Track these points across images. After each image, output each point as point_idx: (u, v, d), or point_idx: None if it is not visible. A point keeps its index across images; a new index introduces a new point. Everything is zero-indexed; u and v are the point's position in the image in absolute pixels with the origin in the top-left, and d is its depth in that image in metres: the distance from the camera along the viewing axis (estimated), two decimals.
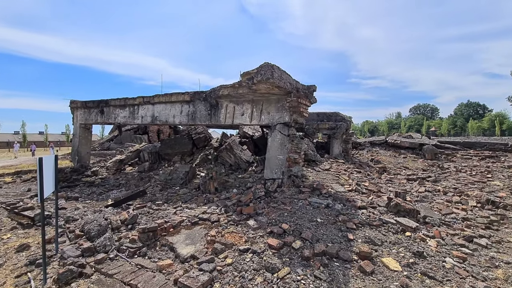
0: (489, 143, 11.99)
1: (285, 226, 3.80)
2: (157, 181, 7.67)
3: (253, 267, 2.95)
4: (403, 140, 12.36)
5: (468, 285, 2.77)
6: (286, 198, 5.14)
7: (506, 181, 7.91)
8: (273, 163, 5.90)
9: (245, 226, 4.02)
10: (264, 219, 4.21)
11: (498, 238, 4.05)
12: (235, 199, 5.34)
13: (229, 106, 6.59)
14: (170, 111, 7.69)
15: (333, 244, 3.43)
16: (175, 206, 5.31)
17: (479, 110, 73.14)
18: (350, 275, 2.83)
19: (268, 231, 3.76)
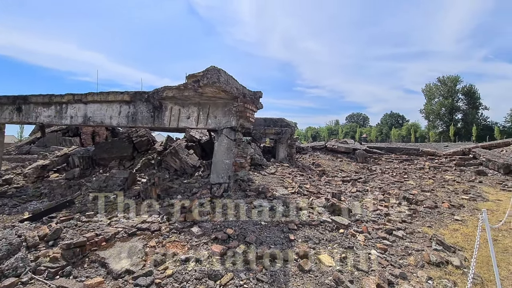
0: (405, 148, 14.11)
1: (229, 231, 3.79)
2: (89, 189, 6.85)
3: (195, 276, 2.86)
4: (339, 145, 13.64)
5: (387, 272, 3.18)
6: (233, 202, 5.14)
7: (417, 180, 9.39)
8: (220, 167, 5.85)
9: (188, 234, 3.88)
10: (209, 225, 4.13)
11: (411, 230, 4.76)
12: (179, 205, 5.11)
13: (174, 109, 6.31)
14: (106, 112, 6.99)
15: (276, 245, 3.56)
16: (110, 217, 4.82)
17: (399, 120, 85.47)
18: (290, 274, 2.97)
19: (213, 237, 3.70)
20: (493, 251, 2.59)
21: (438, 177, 9.98)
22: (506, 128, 56.20)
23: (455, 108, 62.81)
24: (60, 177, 8.78)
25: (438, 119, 64.33)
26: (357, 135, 73.78)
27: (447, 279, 3.08)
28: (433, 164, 11.90)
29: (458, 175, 10.42)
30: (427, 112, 65.68)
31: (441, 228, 4.96)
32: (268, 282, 2.79)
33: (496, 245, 4.21)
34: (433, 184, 8.83)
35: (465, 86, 62.98)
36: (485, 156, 11.49)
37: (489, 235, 2.62)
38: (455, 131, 53.28)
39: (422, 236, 4.49)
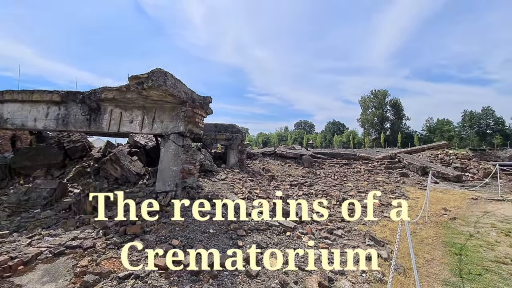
0: (345, 153, 15.53)
1: (175, 242, 3.61)
2: (4, 203, 5.78)
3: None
4: (288, 151, 14.29)
5: (328, 270, 3.41)
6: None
7: (355, 183, 10.38)
8: (166, 174, 5.56)
9: (128, 249, 3.56)
10: (153, 237, 3.87)
11: (349, 228, 5.22)
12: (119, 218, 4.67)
13: (114, 112, 5.80)
14: (30, 113, 6.05)
15: (224, 253, 3.51)
16: (31, 235, 4.14)
17: (340, 127, 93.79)
18: (237, 281, 2.95)
19: (157, 250, 3.46)
20: (411, 243, 3.00)
21: (372, 179, 11.21)
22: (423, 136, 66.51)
23: (384, 118, 71.72)
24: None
25: (372, 127, 72.56)
26: (305, 141, 78.45)
27: (377, 271, 3.45)
28: (368, 168, 13.33)
29: (387, 177, 11.88)
30: (363, 121, 73.70)
31: (373, 225, 5.55)
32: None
33: (414, 237, 4.90)
34: (368, 186, 9.88)
35: (392, 99, 72.59)
36: (407, 160, 13.36)
37: (408, 230, 3.02)
38: (385, 138, 60.79)
39: (358, 233, 4.96)
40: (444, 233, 5.13)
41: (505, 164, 11.75)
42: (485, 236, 4.94)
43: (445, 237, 4.92)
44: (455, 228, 5.40)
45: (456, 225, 5.63)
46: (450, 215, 6.34)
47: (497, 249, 4.35)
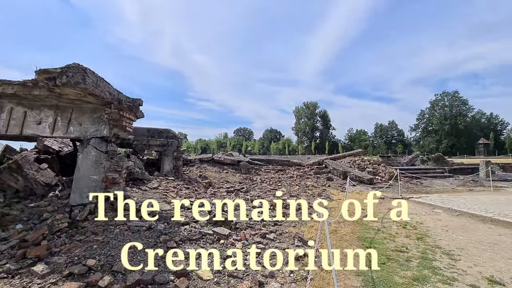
0: (280, 160, 16.44)
1: (91, 262, 3.17)
2: None
3: None
4: (225, 157, 14.31)
5: (259, 274, 3.50)
6: (99, 226, 4.36)
7: (288, 187, 11.05)
8: (85, 184, 4.88)
9: (27, 275, 2.97)
10: (63, 259, 3.31)
11: (281, 231, 5.49)
12: (16, 238, 3.86)
13: (16, 110, 4.83)
14: None
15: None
16: None
17: (277, 135, 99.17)
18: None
19: (66, 273, 2.97)
20: (330, 242, 3.34)
21: (303, 184, 12.12)
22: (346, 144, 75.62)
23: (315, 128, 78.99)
24: None
25: (304, 135, 78.91)
26: (244, 148, 79.99)
27: (303, 270, 3.71)
28: (299, 173, 14.38)
29: (316, 181, 13.03)
30: (297, 130, 79.64)
31: (302, 226, 5.98)
32: None
33: (335, 234, 5.47)
34: (299, 190, 10.63)
35: (321, 111, 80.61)
36: (332, 166, 14.95)
37: (327, 230, 3.36)
38: (315, 146, 66.86)
39: (289, 236, 5.26)
40: (358, 229, 5.88)
41: (403, 168, 14.31)
42: (388, 230, 5.87)
43: (359, 232, 5.64)
44: (367, 225, 6.26)
45: (368, 221, 6.53)
46: (364, 213, 7.32)
47: (396, 240, 5.21)
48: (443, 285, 3.45)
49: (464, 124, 66.39)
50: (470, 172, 17.04)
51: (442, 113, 69.46)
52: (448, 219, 6.84)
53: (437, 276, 3.71)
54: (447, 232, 5.77)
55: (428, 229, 5.96)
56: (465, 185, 13.37)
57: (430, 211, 7.70)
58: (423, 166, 18.32)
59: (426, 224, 6.41)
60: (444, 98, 70.92)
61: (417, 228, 6.07)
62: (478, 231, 5.77)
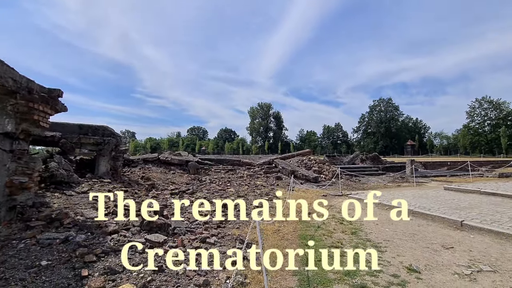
0: (231, 159, 16.27)
1: None
2: None
3: None
4: (173, 157, 13.55)
5: (193, 284, 3.25)
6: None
7: (237, 187, 10.93)
8: None
9: None
10: None
11: (223, 234, 5.30)
12: None
13: None
14: None
15: None
16: None
17: (232, 135, 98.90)
18: None
19: None
20: (261, 244, 3.26)
21: (252, 183, 12.13)
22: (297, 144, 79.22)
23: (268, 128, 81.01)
24: None
25: (258, 135, 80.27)
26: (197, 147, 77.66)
27: (240, 275, 3.57)
28: (250, 173, 14.41)
29: (265, 180, 13.20)
30: (251, 130, 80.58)
31: (246, 227, 5.88)
32: None
33: (278, 234, 5.50)
34: (248, 189, 10.59)
35: (274, 112, 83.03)
36: (281, 165, 15.36)
37: (258, 232, 3.27)
38: (268, 146, 68.50)
39: (231, 238, 5.10)
40: (300, 227, 6.03)
41: (344, 167, 15.46)
42: (328, 226, 6.16)
43: (301, 230, 5.78)
44: (309, 222, 6.47)
45: (310, 219, 6.77)
46: (310, 210, 7.59)
47: (334, 236, 5.47)
48: (370, 278, 3.67)
49: (395, 127, 75.64)
50: (399, 169, 19.29)
51: (379, 117, 78.02)
52: (379, 213, 7.51)
53: (366, 269, 3.95)
54: (377, 225, 6.30)
55: (362, 224, 6.43)
56: (394, 181, 15.05)
57: (364, 207, 8.38)
58: (362, 165, 20.12)
59: (360, 218, 6.91)
60: (380, 103, 79.76)
61: (352, 223, 6.49)
62: (402, 224, 6.43)
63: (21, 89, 3.97)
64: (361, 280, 3.59)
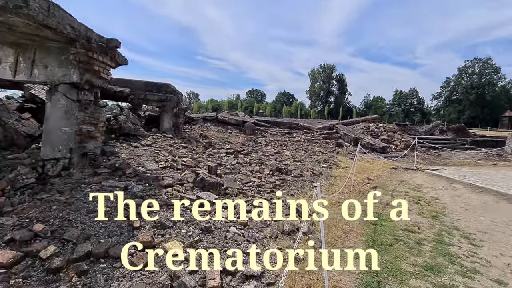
0: (288, 122, 15.56)
1: (38, 227, 2.68)
2: None
3: None
4: (230, 117, 13.55)
5: (241, 250, 2.97)
6: (69, 184, 3.88)
7: (293, 152, 10.38)
8: (56, 137, 4.32)
9: None
10: (12, 220, 2.85)
11: (275, 200, 4.93)
12: None
13: None
14: None
15: (110, 238, 2.76)
16: None
17: (290, 98, 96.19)
18: (115, 277, 2.27)
19: (7, 239, 2.51)
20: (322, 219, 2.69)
21: (309, 149, 11.40)
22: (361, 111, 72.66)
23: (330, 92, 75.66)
24: None
25: (318, 100, 76.09)
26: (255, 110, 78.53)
27: (292, 248, 3.15)
28: (307, 137, 13.59)
29: (324, 146, 12.26)
30: (311, 93, 76.60)
31: (301, 195, 5.40)
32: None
33: (338, 207, 4.86)
34: (304, 155, 9.96)
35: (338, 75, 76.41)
36: (343, 131, 14.00)
37: (320, 206, 2.68)
38: (328, 111, 64.62)
39: (284, 205, 4.70)
40: (364, 202, 5.24)
41: (421, 138, 13.21)
42: (399, 205, 5.20)
43: (364, 206, 5.01)
44: (374, 197, 5.60)
45: (375, 194, 5.86)
46: (372, 184, 6.64)
47: (407, 217, 4.56)
48: (462, 279, 2.83)
49: (491, 95, 61.55)
50: (494, 145, 15.70)
51: (469, 81, 64.23)
52: (469, 196, 6.08)
53: (455, 266, 3.09)
54: (467, 211, 5.05)
55: (445, 207, 5.26)
56: (488, 158, 12.29)
57: (447, 186, 6.92)
58: (443, 137, 17.04)
59: (442, 200, 5.69)
60: (474, 65, 64.94)
61: (432, 204, 5.37)
62: (505, 212, 5.02)
63: (80, 38, 3.93)
64: (449, 281, 2.79)
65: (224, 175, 5.90)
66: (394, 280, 2.74)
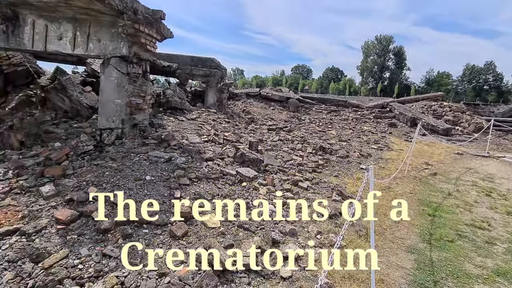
0: (335, 99, 14.57)
1: (92, 190, 2.91)
2: None
3: (10, 258, 2.00)
4: (273, 93, 13.18)
5: (277, 230, 2.86)
6: (120, 152, 4.16)
7: (339, 130, 9.73)
8: (110, 109, 4.62)
9: (35, 195, 2.87)
10: (72, 182, 3.15)
11: (318, 180, 4.66)
12: (44, 156, 3.90)
13: (38, 24, 4.49)
14: None
15: (152, 204, 2.87)
16: None
17: (338, 74, 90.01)
18: (156, 243, 2.36)
19: (67, 198, 2.78)
20: (372, 204, 2.38)
21: (358, 128, 10.56)
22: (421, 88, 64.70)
23: (385, 67, 68.50)
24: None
25: (370, 76, 69.81)
26: (300, 86, 75.74)
27: (335, 233, 2.93)
28: (356, 116, 12.59)
29: (375, 126, 11.24)
30: (362, 69, 70.44)
31: (346, 177, 5.02)
32: (117, 258, 2.12)
33: (388, 193, 4.40)
34: (351, 134, 9.26)
35: (396, 47, 68.21)
36: (398, 110, 12.59)
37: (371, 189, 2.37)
38: (381, 88, 59.02)
39: (327, 186, 4.42)
40: (421, 189, 4.66)
41: (499, 120, 11.15)
42: (464, 195, 4.50)
43: (421, 194, 4.45)
44: (434, 185, 4.94)
45: (436, 181, 5.17)
46: (431, 170, 5.87)
47: (475, 211, 3.91)
48: None
49: None
50: None
51: None
52: None
53: None
54: None
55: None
56: None
57: None
58: None
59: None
60: None
61: (508, 198, 4.52)
62: None
63: (127, 9, 3.98)
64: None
65: (265, 151, 5.78)
66: (455, 282, 2.36)
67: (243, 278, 2.12)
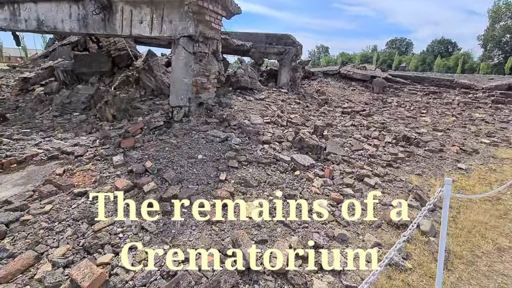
0: (436, 78, 11.82)
1: (148, 164, 3.13)
2: (52, 105, 6.40)
3: (74, 217, 2.34)
4: (355, 71, 11.68)
5: (323, 232, 2.46)
6: (183, 129, 4.40)
7: (436, 117, 7.89)
8: (179, 87, 4.91)
9: (108, 163, 3.31)
10: (138, 154, 3.50)
11: (393, 177, 3.85)
12: (125, 129, 4.49)
13: (125, 10, 5.03)
14: (57, 14, 5.85)
15: (198, 185, 2.89)
16: (45, 136, 4.36)
17: (449, 48, 73.28)
18: (190, 225, 2.35)
19: (129, 169, 3.09)
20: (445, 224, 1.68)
21: (465, 115, 8.33)
22: None
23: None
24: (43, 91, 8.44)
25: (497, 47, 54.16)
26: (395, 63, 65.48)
27: (398, 253, 2.31)
28: (465, 99, 9.94)
29: (492, 113, 8.62)
30: (485, 39, 54.93)
31: (434, 177, 3.98)
32: (153, 232, 2.20)
33: (496, 206, 3.25)
34: (454, 123, 7.36)
35: None
36: None
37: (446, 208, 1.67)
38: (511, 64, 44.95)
39: (402, 186, 3.60)
40: None
41: None
42: None
43: None
44: None
45: None
46: None
47: None
48: None
49: None
50: None
51: None
52: None
53: None
54: None
55: None
56: None
57: None
58: None
59: None
60: None
61: None
62: None
63: None
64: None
65: (331, 137, 5.16)
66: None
67: (269, 282, 1.88)
